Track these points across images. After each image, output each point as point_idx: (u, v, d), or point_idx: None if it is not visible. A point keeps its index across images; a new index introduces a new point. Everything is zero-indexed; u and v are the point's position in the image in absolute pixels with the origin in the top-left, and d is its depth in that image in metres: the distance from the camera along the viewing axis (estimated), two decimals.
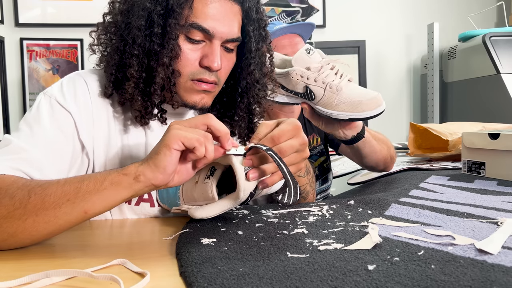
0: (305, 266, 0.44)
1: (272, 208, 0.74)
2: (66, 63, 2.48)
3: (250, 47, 0.77)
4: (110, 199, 0.54)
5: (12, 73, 2.41)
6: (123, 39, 0.71)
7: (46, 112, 0.70)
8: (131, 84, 0.70)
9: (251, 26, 0.76)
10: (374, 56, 2.60)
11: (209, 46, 0.72)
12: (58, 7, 2.45)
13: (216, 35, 0.71)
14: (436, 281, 0.39)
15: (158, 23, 0.68)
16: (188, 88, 0.73)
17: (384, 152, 1.05)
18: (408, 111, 2.72)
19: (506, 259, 0.44)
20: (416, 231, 0.56)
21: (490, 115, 2.03)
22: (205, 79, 0.73)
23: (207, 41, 0.72)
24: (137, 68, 0.70)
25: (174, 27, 0.69)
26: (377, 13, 2.65)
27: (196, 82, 0.73)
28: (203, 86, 0.73)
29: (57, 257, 0.54)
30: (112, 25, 0.74)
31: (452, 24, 2.63)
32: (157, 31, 0.68)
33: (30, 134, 0.67)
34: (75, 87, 0.74)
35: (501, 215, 0.63)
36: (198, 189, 0.64)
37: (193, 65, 0.72)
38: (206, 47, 0.72)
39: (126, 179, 0.54)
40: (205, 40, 0.72)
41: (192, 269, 0.44)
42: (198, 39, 0.71)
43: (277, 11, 2.48)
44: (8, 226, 0.53)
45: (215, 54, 0.71)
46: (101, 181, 0.54)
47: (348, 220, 0.63)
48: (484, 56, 2.11)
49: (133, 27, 0.69)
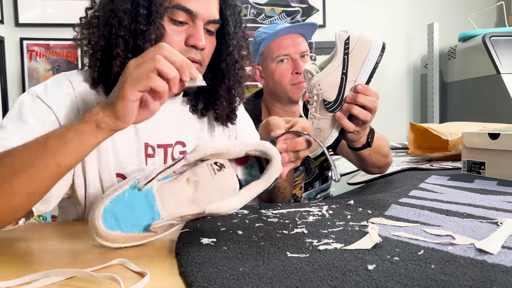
0: (305, 266, 0.44)
1: (272, 208, 0.74)
2: (66, 63, 2.48)
3: (228, 30, 0.82)
4: (78, 149, 0.55)
5: (12, 73, 2.41)
6: (108, 24, 0.73)
7: (29, 108, 0.71)
8: (117, 63, 0.72)
9: (228, 10, 0.81)
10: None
11: (193, 27, 0.75)
12: (58, 7, 2.45)
13: (199, 16, 0.75)
14: (436, 280, 0.39)
15: (143, 5, 0.72)
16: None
17: (382, 163, 1.06)
18: (408, 111, 2.72)
19: (506, 259, 0.44)
20: (416, 231, 0.56)
21: (490, 115, 2.03)
22: (191, 58, 0.75)
23: (190, 23, 0.76)
24: (123, 47, 0.72)
25: (160, 7, 0.72)
26: (377, 13, 2.65)
27: None
28: None
29: (57, 257, 0.54)
30: (95, 18, 0.76)
31: (452, 24, 2.63)
32: (142, 12, 0.71)
33: (11, 128, 0.68)
34: (59, 85, 0.75)
35: (501, 215, 0.63)
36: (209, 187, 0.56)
37: (179, 45, 0.75)
38: (190, 28, 0.75)
39: (88, 127, 0.55)
40: (188, 22, 0.75)
41: (192, 269, 0.44)
42: (182, 21, 0.75)
43: (277, 11, 2.48)
44: None
45: (200, 33, 0.75)
46: (65, 133, 0.55)
47: (348, 220, 0.63)
48: (484, 56, 2.11)
49: (119, 11, 0.72)
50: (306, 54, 1.28)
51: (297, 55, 1.25)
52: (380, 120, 1.55)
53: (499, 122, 1.60)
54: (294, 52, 1.25)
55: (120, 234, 0.53)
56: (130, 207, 0.53)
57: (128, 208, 0.53)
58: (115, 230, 0.53)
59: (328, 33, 2.59)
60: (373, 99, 0.82)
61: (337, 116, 0.84)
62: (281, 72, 1.25)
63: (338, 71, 0.83)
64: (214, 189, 0.55)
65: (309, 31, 1.30)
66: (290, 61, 1.26)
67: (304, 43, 1.28)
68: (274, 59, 1.26)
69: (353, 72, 0.83)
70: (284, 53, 1.25)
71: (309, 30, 1.30)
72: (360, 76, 0.82)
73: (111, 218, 0.52)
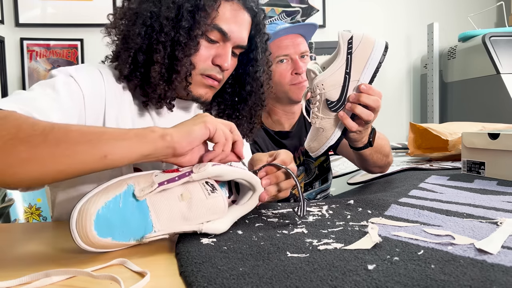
0: (305, 266, 0.44)
1: (272, 208, 0.74)
2: (66, 63, 2.48)
3: (257, 56, 0.88)
4: (132, 149, 0.54)
5: (12, 73, 2.41)
6: (146, 25, 0.75)
7: (61, 81, 0.71)
8: (157, 69, 0.75)
9: (258, 37, 0.87)
10: None
11: (223, 47, 0.80)
12: (58, 7, 2.45)
13: (231, 39, 0.80)
14: (435, 280, 0.39)
15: (187, 19, 0.75)
16: (198, 81, 0.80)
17: (383, 162, 1.06)
18: (408, 111, 2.72)
19: (506, 258, 0.44)
20: (416, 230, 0.56)
21: (490, 115, 2.03)
22: (213, 76, 0.80)
23: (221, 43, 0.80)
24: (163, 54, 0.75)
25: (202, 24, 0.76)
26: (377, 13, 2.65)
27: (205, 77, 0.80)
28: (211, 82, 0.81)
29: (57, 257, 0.54)
30: (131, 11, 0.78)
31: (452, 24, 2.63)
32: (184, 24, 0.75)
33: (40, 91, 0.68)
34: (90, 71, 0.77)
35: (501, 215, 0.63)
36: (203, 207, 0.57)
37: (206, 62, 0.79)
38: (220, 48, 0.80)
39: (152, 135, 0.56)
40: (219, 41, 0.80)
41: (192, 269, 0.44)
42: (214, 39, 0.79)
43: (277, 11, 2.48)
44: (23, 150, 0.50)
45: (227, 55, 0.80)
46: (126, 131, 0.56)
47: (348, 220, 0.63)
48: (484, 56, 2.11)
49: (161, 17, 0.74)
50: (306, 55, 1.28)
51: (296, 56, 1.25)
52: (380, 120, 1.55)
53: (499, 122, 1.60)
54: (294, 53, 1.25)
55: (110, 241, 0.51)
56: (124, 217, 0.52)
57: (123, 217, 0.52)
58: (106, 237, 0.51)
59: (328, 33, 2.59)
60: (376, 98, 0.82)
61: (340, 115, 0.84)
62: (281, 73, 1.25)
63: (341, 71, 0.83)
64: (207, 209, 0.56)
65: (309, 32, 1.30)
66: (290, 61, 1.25)
67: (304, 43, 1.28)
68: (274, 59, 1.26)
69: (356, 71, 0.82)
70: (283, 53, 1.25)
71: (309, 31, 1.30)
72: (363, 75, 0.82)
73: (104, 225, 0.50)
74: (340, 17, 2.60)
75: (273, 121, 1.32)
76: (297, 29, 1.26)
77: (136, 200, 0.53)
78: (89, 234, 0.49)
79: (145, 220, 0.53)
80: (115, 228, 0.51)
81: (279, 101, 1.30)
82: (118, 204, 0.52)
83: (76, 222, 0.49)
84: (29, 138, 0.51)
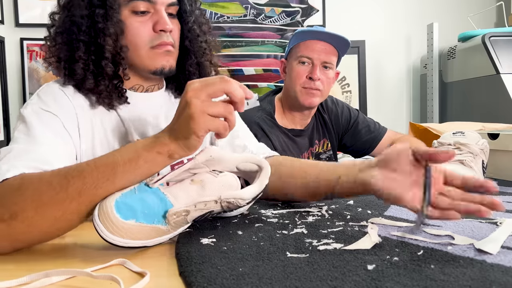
0: (304, 266, 0.44)
1: (271, 208, 0.74)
2: None
3: (185, 8, 0.85)
4: (144, 175, 0.57)
5: (12, 73, 2.41)
6: (69, 33, 0.76)
7: (35, 119, 0.71)
8: (80, 65, 0.76)
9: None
10: (373, 56, 2.60)
11: (155, 13, 0.79)
12: None
13: (158, 2, 0.79)
14: (435, 280, 0.39)
15: (98, 4, 0.76)
16: (152, 55, 0.80)
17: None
18: (408, 111, 2.72)
19: (505, 259, 0.44)
20: (416, 231, 0.56)
21: (490, 115, 2.03)
22: (163, 42, 0.79)
23: (152, 10, 0.79)
24: (84, 49, 0.76)
25: (114, 2, 0.76)
26: (377, 13, 2.65)
27: (156, 47, 0.80)
28: (164, 48, 0.80)
29: (57, 257, 0.54)
30: (59, 33, 0.79)
31: (452, 24, 2.63)
32: (99, 11, 0.75)
33: (28, 139, 0.68)
34: (53, 93, 0.78)
35: (501, 215, 0.63)
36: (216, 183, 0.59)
37: (148, 34, 0.79)
38: (153, 15, 0.79)
39: (161, 157, 0.57)
40: (149, 10, 0.79)
41: (192, 269, 0.44)
42: (143, 10, 0.78)
43: (277, 11, 2.48)
44: (53, 210, 0.53)
45: (164, 17, 0.79)
46: (135, 160, 0.56)
47: (348, 220, 0.63)
48: (483, 56, 2.11)
49: (76, 17, 0.76)
50: (330, 67, 1.28)
51: (319, 62, 1.25)
52: (380, 120, 1.56)
53: (499, 122, 1.60)
54: (317, 58, 1.25)
55: (134, 224, 0.52)
56: (143, 200, 0.54)
57: (141, 200, 0.53)
58: (130, 219, 0.51)
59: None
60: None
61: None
62: (298, 72, 1.27)
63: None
64: (221, 185, 0.59)
65: (342, 47, 1.29)
66: (310, 65, 1.26)
67: (332, 56, 1.28)
68: (297, 57, 1.28)
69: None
70: (307, 55, 1.26)
71: (342, 45, 1.29)
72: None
73: (125, 208, 0.52)
74: (340, 17, 2.60)
75: (288, 120, 1.37)
76: (330, 37, 1.26)
77: (150, 188, 0.56)
78: (113, 219, 0.50)
79: (164, 202, 0.55)
80: (136, 210, 0.52)
81: (290, 100, 1.34)
82: (134, 192, 0.55)
83: (98, 215, 0.51)
84: (53, 199, 0.53)
